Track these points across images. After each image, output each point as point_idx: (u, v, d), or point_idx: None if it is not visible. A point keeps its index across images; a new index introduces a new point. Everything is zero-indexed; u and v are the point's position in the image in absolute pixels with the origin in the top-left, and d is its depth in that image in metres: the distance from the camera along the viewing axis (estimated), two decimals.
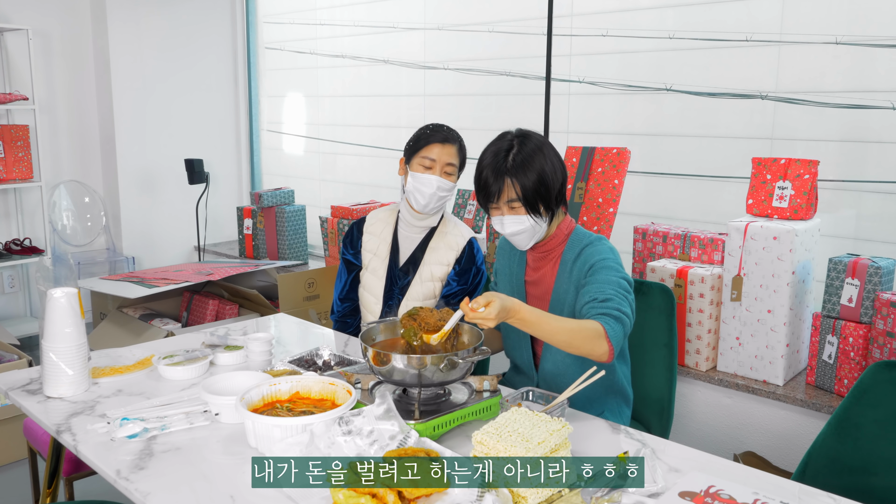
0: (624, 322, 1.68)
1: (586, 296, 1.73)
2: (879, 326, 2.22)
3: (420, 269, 2.29)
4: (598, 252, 1.81)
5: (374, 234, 2.37)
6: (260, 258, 4.44)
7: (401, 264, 2.33)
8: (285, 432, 1.44)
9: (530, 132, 1.86)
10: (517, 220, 1.80)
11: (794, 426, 2.42)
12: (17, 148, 4.21)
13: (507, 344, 2.04)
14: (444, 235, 2.31)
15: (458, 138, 2.25)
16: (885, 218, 2.59)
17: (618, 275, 1.76)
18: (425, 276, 2.29)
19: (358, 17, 4.43)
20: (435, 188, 2.20)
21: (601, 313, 1.67)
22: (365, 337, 1.69)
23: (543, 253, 1.91)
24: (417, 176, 2.21)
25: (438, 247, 2.30)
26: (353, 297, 2.42)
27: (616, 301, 1.70)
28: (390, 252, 2.34)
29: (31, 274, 4.53)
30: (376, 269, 2.34)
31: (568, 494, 1.31)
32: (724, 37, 2.90)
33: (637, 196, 3.21)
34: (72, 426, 1.63)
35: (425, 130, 2.25)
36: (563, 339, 1.62)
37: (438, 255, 2.29)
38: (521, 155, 1.78)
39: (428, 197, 2.21)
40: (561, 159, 1.85)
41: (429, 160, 2.20)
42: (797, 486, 1.38)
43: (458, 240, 2.31)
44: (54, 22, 4.48)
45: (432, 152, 2.20)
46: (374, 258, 2.35)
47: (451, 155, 2.21)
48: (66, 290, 1.77)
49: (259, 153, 5.30)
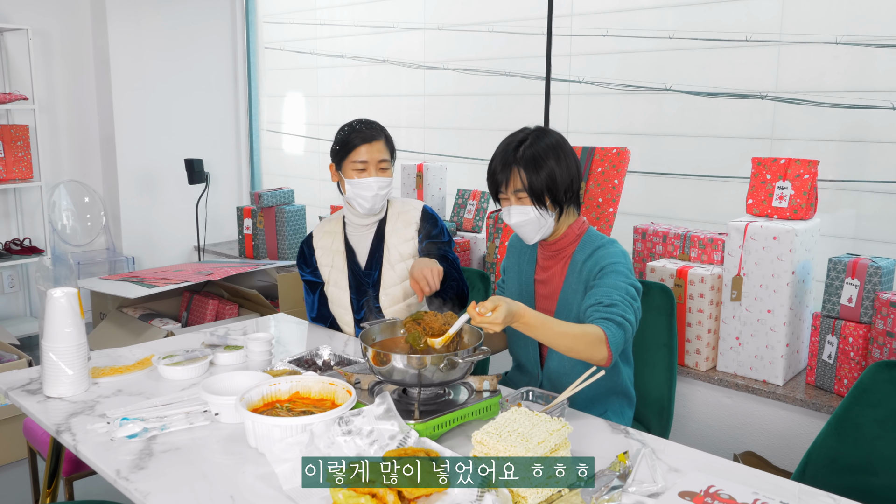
0: (626, 329, 1.69)
1: (592, 298, 1.74)
2: (879, 326, 2.22)
3: (386, 254, 2.26)
4: (610, 255, 1.81)
5: (325, 248, 2.34)
6: (260, 258, 4.44)
7: (363, 266, 2.30)
8: (285, 432, 1.44)
9: (550, 129, 1.88)
10: (522, 210, 1.82)
11: (794, 426, 2.42)
12: (17, 148, 4.21)
13: (512, 342, 2.04)
14: (397, 215, 2.29)
15: (381, 130, 2.20)
16: (884, 218, 2.59)
17: (626, 280, 1.76)
18: (394, 259, 2.26)
19: (358, 17, 4.43)
20: (375, 190, 2.17)
21: (604, 318, 1.68)
22: (365, 337, 1.69)
23: (554, 252, 1.92)
24: (354, 182, 2.17)
25: (396, 227, 2.27)
26: (327, 315, 2.39)
27: (621, 307, 1.70)
28: (346, 259, 2.31)
29: (30, 274, 4.53)
30: (338, 281, 2.31)
31: (568, 494, 1.31)
32: (724, 37, 2.90)
33: (637, 196, 3.21)
34: (72, 426, 1.62)
35: (348, 133, 2.18)
36: (564, 345, 1.63)
37: (399, 234, 2.26)
38: (532, 148, 1.80)
39: (371, 200, 2.18)
40: (576, 159, 1.85)
41: (360, 163, 2.15)
42: (797, 486, 1.38)
43: (413, 213, 2.28)
44: (54, 22, 4.48)
45: (361, 154, 2.15)
46: (333, 270, 2.32)
47: (381, 151, 2.17)
48: (65, 290, 1.77)
49: (259, 153, 5.30)
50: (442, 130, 4.05)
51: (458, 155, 3.94)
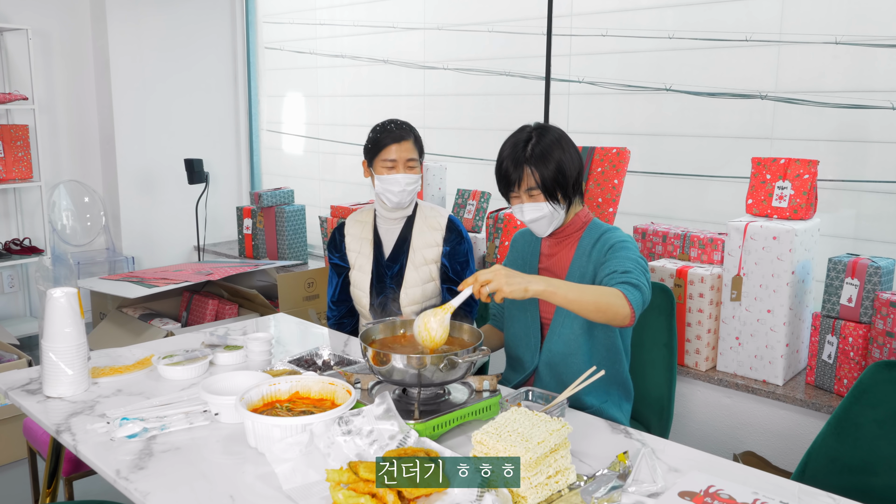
0: (643, 290, 1.74)
1: (607, 269, 1.80)
2: (879, 326, 2.22)
3: (411, 256, 2.38)
4: (618, 236, 1.88)
5: (355, 235, 2.47)
6: (259, 258, 4.44)
7: (386, 257, 2.41)
8: (285, 432, 1.44)
9: (549, 125, 1.93)
10: (536, 206, 1.86)
11: (794, 426, 2.42)
12: (17, 148, 4.20)
13: (510, 333, 2.04)
14: (424, 219, 2.40)
15: (411, 131, 2.33)
16: (884, 218, 2.59)
17: (635, 254, 1.83)
18: (418, 262, 2.37)
19: (358, 17, 4.43)
20: (403, 185, 2.29)
21: (620, 282, 1.73)
22: (365, 337, 1.69)
23: (560, 239, 1.96)
24: (383, 178, 2.29)
25: (422, 230, 2.39)
26: (346, 299, 2.49)
27: (635, 273, 1.76)
28: (374, 247, 2.42)
29: (30, 274, 4.53)
30: (363, 266, 2.42)
31: (568, 494, 1.31)
32: (724, 37, 2.90)
33: (637, 196, 3.21)
34: (71, 426, 1.62)
35: (378, 133, 2.31)
36: (588, 298, 1.65)
37: (425, 237, 2.38)
38: (539, 146, 1.85)
39: (398, 195, 2.30)
40: (577, 150, 1.91)
41: (389, 161, 2.27)
42: (797, 486, 1.38)
43: (439, 219, 2.40)
44: (54, 22, 4.47)
45: (391, 153, 2.27)
46: (359, 256, 2.44)
47: (409, 150, 2.29)
48: (65, 290, 1.77)
49: (259, 153, 5.30)
50: (442, 130, 4.05)
51: (458, 155, 3.94)
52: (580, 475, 1.38)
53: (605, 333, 1.90)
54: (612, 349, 1.91)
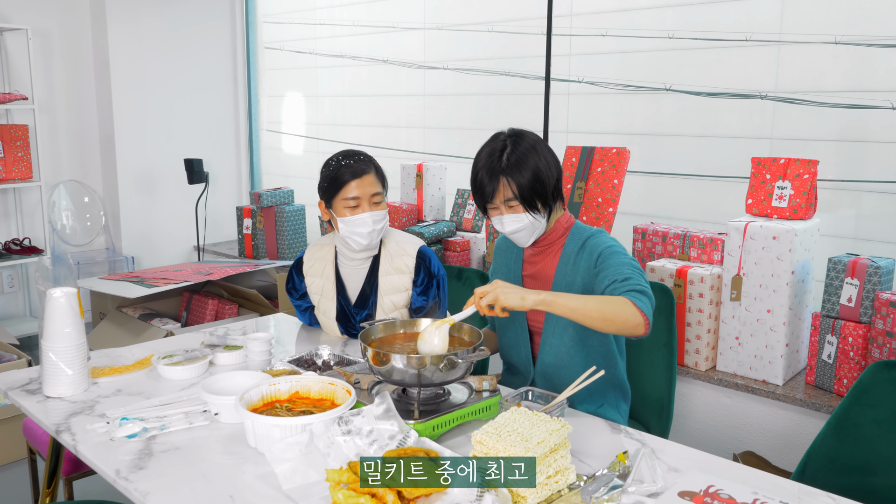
0: (649, 296, 1.69)
1: (605, 280, 1.73)
2: (879, 326, 2.22)
3: (380, 301, 2.17)
4: (603, 241, 1.83)
5: (316, 274, 2.26)
6: (259, 258, 4.43)
7: (352, 302, 2.21)
8: (285, 432, 1.44)
9: (524, 131, 1.86)
10: (516, 218, 1.81)
11: (794, 426, 2.42)
12: (17, 148, 4.20)
13: (503, 342, 2.03)
14: (390, 259, 2.17)
15: (370, 162, 2.10)
16: (884, 218, 2.59)
17: (628, 258, 1.78)
18: (388, 307, 2.17)
19: (357, 16, 4.43)
20: (371, 225, 2.06)
21: (625, 291, 1.68)
22: (364, 337, 1.69)
23: (543, 247, 1.92)
24: (347, 220, 2.06)
25: (388, 271, 2.17)
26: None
27: (636, 279, 1.70)
28: (336, 290, 2.22)
29: (30, 274, 4.53)
30: (328, 311, 2.24)
31: (567, 494, 1.31)
32: (724, 37, 2.90)
33: (637, 196, 3.21)
34: (71, 426, 1.62)
35: (334, 169, 2.08)
36: (597, 309, 1.61)
37: (392, 282, 2.16)
38: (515, 154, 1.79)
39: (367, 236, 2.07)
40: (555, 155, 1.86)
41: (352, 199, 2.04)
42: (797, 486, 1.38)
43: (406, 259, 2.16)
44: (54, 22, 4.47)
45: (351, 190, 2.04)
46: (323, 299, 2.25)
47: (372, 184, 2.06)
48: (65, 290, 1.77)
49: (258, 153, 5.30)
50: (441, 130, 4.05)
51: (458, 155, 3.94)
52: (580, 475, 1.38)
53: (601, 340, 1.87)
54: (608, 355, 1.89)
